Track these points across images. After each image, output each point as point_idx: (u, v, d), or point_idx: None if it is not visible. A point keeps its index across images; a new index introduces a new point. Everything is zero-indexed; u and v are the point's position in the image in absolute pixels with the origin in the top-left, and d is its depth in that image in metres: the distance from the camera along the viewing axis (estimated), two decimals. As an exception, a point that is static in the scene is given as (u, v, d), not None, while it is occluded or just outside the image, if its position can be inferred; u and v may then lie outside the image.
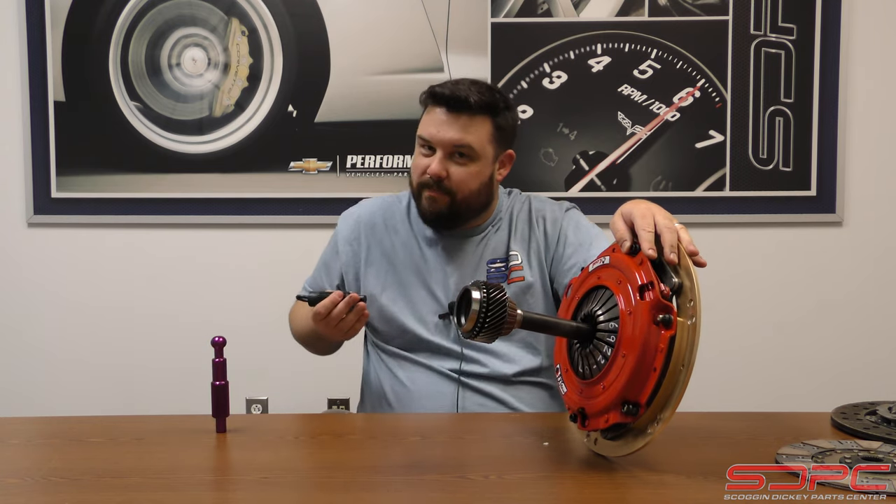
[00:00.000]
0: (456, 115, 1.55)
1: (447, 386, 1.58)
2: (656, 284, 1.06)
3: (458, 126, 1.55)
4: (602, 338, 1.12)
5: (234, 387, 1.32)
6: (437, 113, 1.56)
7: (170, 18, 2.52)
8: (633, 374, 1.05)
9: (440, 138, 1.55)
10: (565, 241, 1.61)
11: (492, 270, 1.62)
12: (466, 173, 1.57)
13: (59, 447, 1.30)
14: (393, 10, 2.50)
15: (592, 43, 2.50)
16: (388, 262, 1.65)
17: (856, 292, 2.56)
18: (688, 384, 1.03)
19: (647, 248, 1.10)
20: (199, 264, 2.59)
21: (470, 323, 1.08)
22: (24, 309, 2.61)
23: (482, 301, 1.07)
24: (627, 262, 1.11)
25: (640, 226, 1.12)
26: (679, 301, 1.07)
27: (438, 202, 1.58)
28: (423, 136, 1.58)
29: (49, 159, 2.54)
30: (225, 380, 1.29)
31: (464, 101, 1.54)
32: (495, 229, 1.65)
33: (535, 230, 1.64)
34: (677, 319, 1.04)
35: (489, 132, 1.58)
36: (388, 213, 1.69)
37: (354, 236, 1.69)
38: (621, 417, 1.06)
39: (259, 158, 2.53)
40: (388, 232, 1.67)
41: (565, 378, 1.19)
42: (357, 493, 1.09)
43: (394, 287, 1.64)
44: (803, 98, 2.49)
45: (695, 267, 1.08)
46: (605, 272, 1.15)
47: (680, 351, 1.04)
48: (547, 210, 1.67)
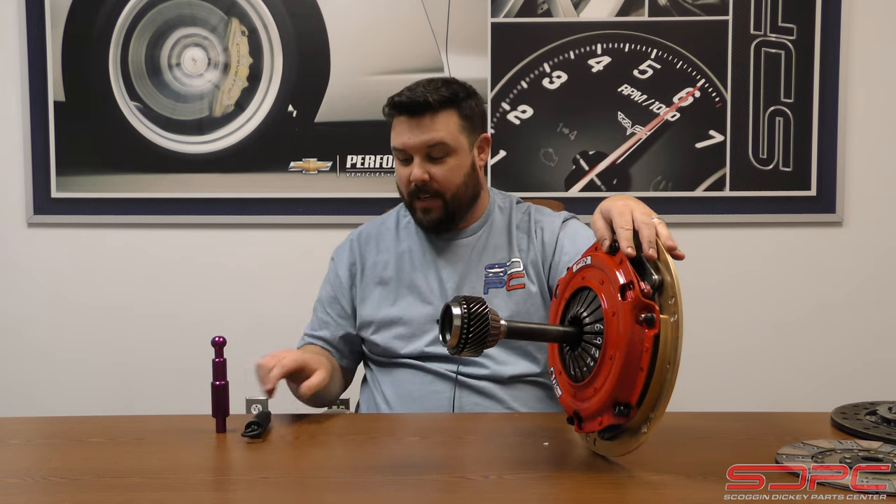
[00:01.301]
0: (419, 118, 1.57)
1: (443, 386, 1.58)
2: (636, 284, 1.06)
3: (424, 128, 1.56)
4: (589, 340, 1.12)
5: (234, 387, 1.32)
6: (402, 121, 1.58)
7: (170, 18, 2.52)
8: (622, 376, 1.05)
9: (412, 144, 1.57)
10: (561, 250, 1.61)
11: (490, 275, 1.62)
12: (447, 169, 1.58)
13: (59, 447, 1.30)
14: (393, 10, 2.50)
15: (592, 43, 2.50)
16: (383, 279, 1.66)
17: (856, 292, 2.56)
18: (675, 381, 1.03)
19: (625, 246, 1.10)
20: (199, 264, 2.59)
21: (454, 339, 1.09)
22: (24, 309, 2.61)
23: (463, 317, 1.08)
24: (608, 262, 1.11)
25: (618, 223, 1.12)
26: (661, 299, 1.06)
27: (432, 210, 1.60)
28: (396, 146, 1.60)
29: (49, 159, 2.54)
30: (225, 380, 1.29)
31: (422, 103, 1.56)
32: (489, 231, 1.66)
33: (533, 240, 1.64)
34: (660, 317, 1.04)
35: (457, 123, 1.59)
36: (377, 233, 1.72)
37: (352, 261, 1.71)
38: (614, 419, 1.07)
39: (259, 158, 2.53)
40: (381, 251, 1.68)
41: (559, 381, 1.19)
42: (356, 493, 1.09)
43: (389, 302, 1.64)
44: (803, 98, 2.49)
45: (674, 261, 1.07)
46: (589, 272, 1.15)
47: (665, 349, 1.03)
48: (545, 221, 1.67)
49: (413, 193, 1.60)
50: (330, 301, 1.70)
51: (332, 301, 1.70)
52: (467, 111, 1.61)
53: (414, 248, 1.67)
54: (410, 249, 1.66)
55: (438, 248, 1.65)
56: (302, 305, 2.54)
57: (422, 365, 1.60)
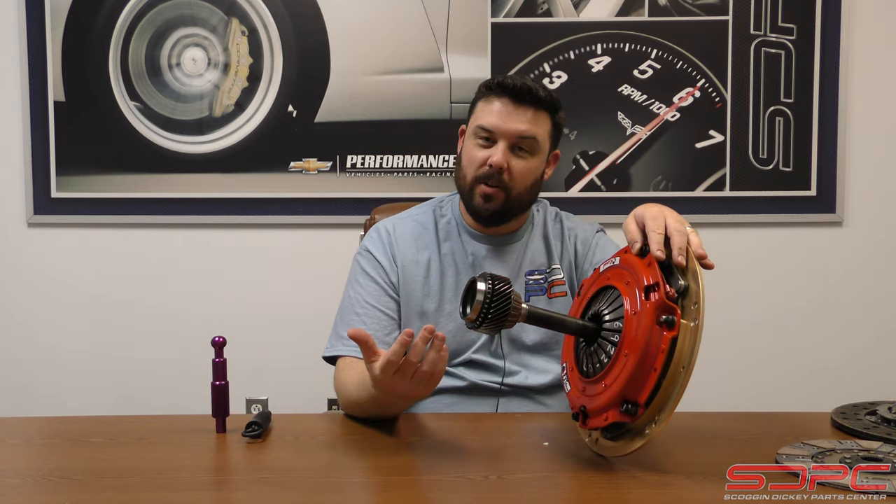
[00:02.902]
0: (522, 106, 1.53)
1: (487, 396, 1.55)
2: (662, 286, 1.07)
3: (524, 118, 1.53)
4: (606, 337, 1.13)
5: (234, 387, 1.32)
6: (502, 103, 1.53)
7: (170, 18, 2.52)
8: (634, 374, 1.05)
9: (505, 129, 1.52)
10: (592, 260, 1.61)
11: (530, 282, 1.59)
12: (526, 167, 1.54)
13: (59, 447, 1.29)
14: (393, 9, 2.50)
15: (592, 43, 2.50)
16: (426, 280, 1.58)
17: (856, 292, 2.56)
18: (686, 386, 1.03)
19: (655, 249, 1.10)
20: (199, 264, 2.59)
21: (474, 313, 1.10)
22: (25, 309, 2.61)
23: (487, 293, 1.09)
24: (636, 264, 1.12)
25: (651, 227, 1.13)
26: (684, 303, 1.07)
27: (494, 199, 1.54)
28: (486, 126, 1.53)
29: (49, 159, 2.54)
30: (225, 380, 1.29)
31: (532, 93, 1.52)
32: (530, 237, 1.63)
33: (566, 246, 1.63)
34: (680, 321, 1.05)
35: (549, 128, 1.57)
36: (412, 230, 1.62)
37: (391, 255, 1.59)
38: (620, 416, 1.07)
39: (259, 158, 2.53)
40: (420, 248, 1.60)
41: (570, 377, 1.20)
42: (356, 493, 1.09)
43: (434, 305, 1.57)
44: (803, 98, 2.49)
45: (703, 270, 1.08)
46: (615, 273, 1.16)
47: (681, 352, 1.04)
48: (579, 229, 1.66)
49: (480, 177, 1.54)
50: (377, 293, 1.56)
51: (379, 293, 1.56)
52: (558, 121, 1.59)
53: (457, 250, 1.61)
54: (453, 251, 1.60)
55: (483, 253, 1.61)
56: (302, 305, 2.56)
57: (464, 376, 1.55)
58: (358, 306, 1.56)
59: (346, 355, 1.49)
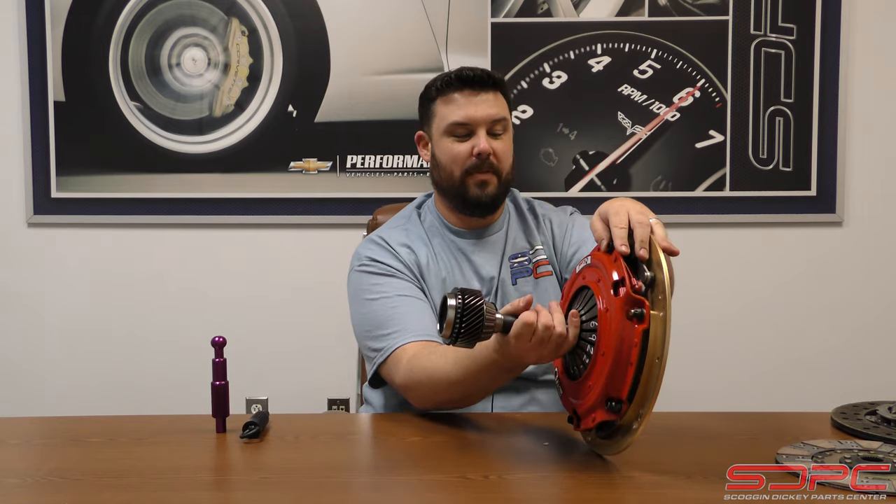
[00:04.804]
0: (482, 93, 1.57)
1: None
2: (628, 280, 1.07)
3: (488, 102, 1.57)
4: (585, 337, 1.14)
5: (234, 387, 1.32)
6: (462, 96, 1.57)
7: (170, 18, 2.52)
8: (612, 371, 1.06)
9: (478, 117, 1.56)
10: (570, 240, 1.63)
11: (515, 265, 1.61)
12: (505, 147, 1.59)
13: (59, 447, 1.30)
14: (393, 9, 2.50)
15: (592, 43, 2.50)
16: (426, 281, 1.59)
17: (855, 292, 2.56)
18: (663, 377, 1.03)
19: (618, 244, 1.11)
20: (199, 264, 2.59)
21: (447, 329, 1.12)
22: (24, 309, 2.61)
23: (457, 307, 1.11)
24: (604, 260, 1.13)
25: (614, 223, 1.14)
26: (652, 295, 1.07)
27: (490, 183, 1.57)
28: (460, 120, 1.56)
29: (49, 159, 2.54)
30: (225, 380, 1.29)
31: (487, 79, 1.57)
32: (509, 225, 1.66)
33: (543, 230, 1.65)
34: (650, 313, 1.05)
35: (507, 105, 1.62)
36: (409, 237, 1.63)
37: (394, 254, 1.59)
38: (606, 415, 1.07)
39: (259, 158, 2.53)
40: (417, 251, 1.61)
41: (562, 380, 1.20)
42: (357, 493, 1.09)
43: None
44: (803, 98, 2.49)
45: (668, 259, 1.08)
46: (589, 272, 1.17)
47: (654, 344, 1.04)
48: (553, 214, 1.69)
49: (470, 169, 1.56)
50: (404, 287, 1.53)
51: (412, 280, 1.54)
52: (508, 97, 1.64)
53: (445, 247, 1.62)
54: (443, 249, 1.62)
55: (469, 247, 1.62)
56: (302, 305, 2.56)
57: None
58: (389, 306, 1.49)
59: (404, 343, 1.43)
